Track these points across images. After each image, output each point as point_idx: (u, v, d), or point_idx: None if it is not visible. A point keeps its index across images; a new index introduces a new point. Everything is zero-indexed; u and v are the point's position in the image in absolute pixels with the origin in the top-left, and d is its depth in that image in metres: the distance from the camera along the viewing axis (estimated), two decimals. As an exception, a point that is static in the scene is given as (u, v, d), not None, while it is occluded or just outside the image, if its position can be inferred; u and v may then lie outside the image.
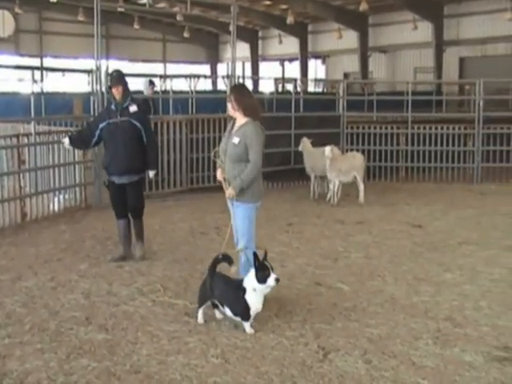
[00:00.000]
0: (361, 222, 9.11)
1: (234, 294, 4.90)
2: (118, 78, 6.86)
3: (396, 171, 13.09)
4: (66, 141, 7.06)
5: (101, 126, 6.90)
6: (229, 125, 5.63)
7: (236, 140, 5.34)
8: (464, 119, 14.05)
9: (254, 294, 4.86)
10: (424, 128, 13.02)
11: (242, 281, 4.97)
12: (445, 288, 6.06)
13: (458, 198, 11.10)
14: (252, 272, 4.90)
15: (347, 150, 12.54)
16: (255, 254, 4.93)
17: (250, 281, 4.89)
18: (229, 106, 5.46)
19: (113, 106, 6.87)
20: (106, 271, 6.56)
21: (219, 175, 5.55)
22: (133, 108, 6.80)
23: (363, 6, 25.25)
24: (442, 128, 12.93)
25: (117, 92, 6.79)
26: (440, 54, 26.46)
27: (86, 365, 4.37)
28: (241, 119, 5.42)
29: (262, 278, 4.84)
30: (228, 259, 5.20)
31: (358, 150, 12.14)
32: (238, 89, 5.67)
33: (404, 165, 13.04)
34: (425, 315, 5.32)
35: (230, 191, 5.34)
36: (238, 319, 4.95)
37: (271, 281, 4.83)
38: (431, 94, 21.39)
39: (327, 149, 10.02)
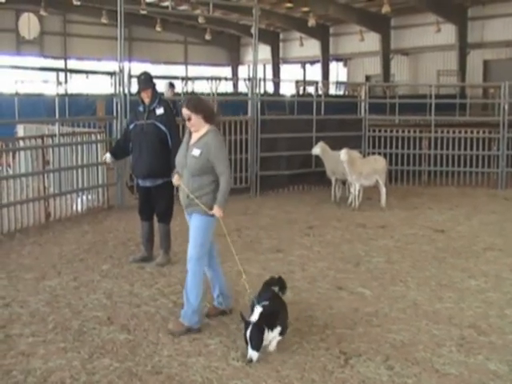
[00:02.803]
0: (382, 226, 9.05)
1: None
2: (147, 80, 6.82)
3: (418, 175, 12.97)
4: (108, 155, 7.09)
5: (130, 127, 6.95)
6: (185, 136, 5.23)
7: (197, 152, 4.98)
8: (488, 123, 13.89)
9: None
10: (447, 132, 12.89)
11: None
12: (469, 295, 5.99)
13: (481, 203, 10.97)
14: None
15: (369, 154, 12.48)
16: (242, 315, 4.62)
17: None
18: (185, 116, 5.03)
19: (141, 108, 6.87)
20: (128, 272, 6.60)
21: (176, 180, 5.23)
22: (159, 110, 6.74)
23: (385, 9, 25.12)
24: (465, 132, 12.79)
25: (146, 95, 6.78)
26: (464, 56, 26.22)
27: (108, 365, 4.40)
28: (200, 128, 5.06)
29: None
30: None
31: (379, 154, 12.06)
32: (194, 97, 5.40)
33: (427, 169, 12.93)
34: (448, 322, 5.26)
35: (217, 212, 4.96)
36: None
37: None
38: (455, 97, 21.20)
39: (342, 152, 9.97)
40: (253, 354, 4.42)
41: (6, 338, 4.83)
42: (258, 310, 4.54)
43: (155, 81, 7.06)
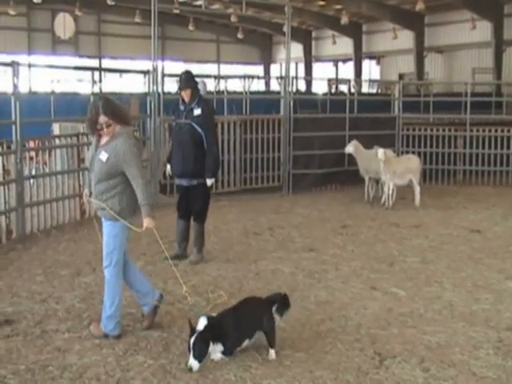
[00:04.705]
0: (417, 225, 8.94)
1: None
2: (187, 80, 6.83)
3: (453, 174, 12.80)
4: (168, 167, 7.14)
5: (172, 126, 7.02)
6: (94, 139, 4.93)
7: (104, 156, 4.67)
8: (525, 121, 13.61)
9: None
10: (483, 130, 12.68)
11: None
12: (506, 296, 5.87)
13: (518, 203, 10.76)
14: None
15: (403, 153, 12.36)
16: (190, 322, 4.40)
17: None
18: (104, 124, 4.67)
19: (181, 107, 6.91)
20: (161, 269, 6.63)
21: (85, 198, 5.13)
22: (197, 111, 6.73)
23: (419, 6, 24.80)
24: (501, 130, 12.58)
25: (185, 94, 6.79)
26: (500, 53, 25.71)
27: (143, 361, 4.43)
28: (110, 130, 4.73)
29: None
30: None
31: (413, 153, 11.95)
32: (108, 102, 4.80)
33: (462, 168, 12.74)
34: (485, 324, 5.16)
35: (148, 222, 4.81)
36: None
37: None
38: (490, 95, 20.80)
39: (380, 151, 9.88)
40: (193, 363, 4.23)
41: (42, 333, 4.90)
42: (202, 319, 4.34)
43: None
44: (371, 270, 6.70)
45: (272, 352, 4.50)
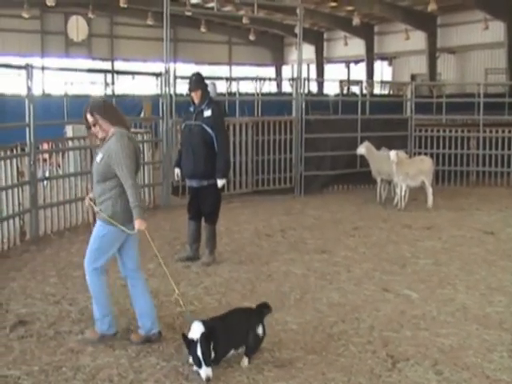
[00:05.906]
0: (429, 227, 8.89)
1: None
2: (197, 81, 6.86)
3: (466, 176, 12.73)
4: (177, 171, 7.17)
5: (182, 127, 7.05)
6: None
7: (98, 157, 4.71)
8: (539, 122, 13.51)
9: None
10: (496, 131, 12.60)
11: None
12: (520, 298, 5.83)
13: (532, 205, 10.67)
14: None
15: (415, 154, 12.31)
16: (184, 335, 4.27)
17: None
18: (91, 123, 4.70)
19: (191, 108, 6.94)
20: (174, 271, 6.63)
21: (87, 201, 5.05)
22: (207, 112, 6.75)
23: (432, 6, 24.69)
24: (515, 131, 12.48)
25: (196, 96, 6.83)
26: (513, 54, 25.57)
27: (155, 363, 4.44)
28: (108, 132, 4.72)
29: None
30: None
31: (426, 154, 11.90)
32: (99, 101, 4.93)
33: (475, 169, 12.67)
34: (499, 326, 5.12)
35: (139, 224, 4.69)
36: None
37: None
38: (503, 95, 20.66)
39: (392, 153, 9.85)
40: (207, 370, 4.07)
41: (55, 334, 4.93)
42: (197, 324, 4.22)
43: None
44: (383, 272, 6.67)
45: (245, 360, 4.39)
